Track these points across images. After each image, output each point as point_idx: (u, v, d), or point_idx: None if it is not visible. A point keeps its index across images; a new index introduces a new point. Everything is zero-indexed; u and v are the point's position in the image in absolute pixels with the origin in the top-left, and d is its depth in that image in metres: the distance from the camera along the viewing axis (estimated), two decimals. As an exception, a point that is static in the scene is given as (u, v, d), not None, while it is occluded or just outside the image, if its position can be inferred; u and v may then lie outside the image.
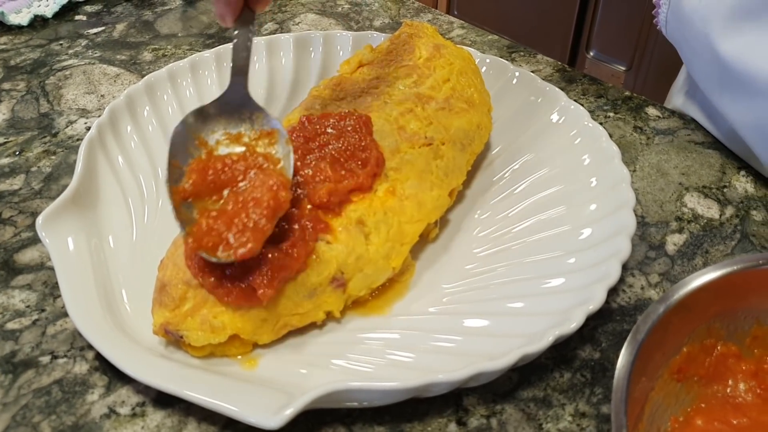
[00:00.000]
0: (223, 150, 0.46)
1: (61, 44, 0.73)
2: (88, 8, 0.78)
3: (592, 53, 1.68)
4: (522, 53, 0.71)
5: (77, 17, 0.77)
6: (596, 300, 0.42)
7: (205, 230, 0.41)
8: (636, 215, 0.50)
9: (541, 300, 0.45)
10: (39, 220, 0.47)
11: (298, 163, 0.46)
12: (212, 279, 0.42)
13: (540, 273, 0.47)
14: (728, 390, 0.38)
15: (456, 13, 1.99)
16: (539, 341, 0.40)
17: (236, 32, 0.49)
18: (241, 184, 0.43)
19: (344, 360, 0.43)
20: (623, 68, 1.62)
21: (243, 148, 0.46)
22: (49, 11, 0.76)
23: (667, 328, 0.35)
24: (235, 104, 0.48)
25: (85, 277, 0.45)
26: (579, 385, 0.43)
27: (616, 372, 0.32)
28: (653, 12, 0.64)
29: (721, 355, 0.38)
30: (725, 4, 0.56)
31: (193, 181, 0.43)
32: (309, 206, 0.44)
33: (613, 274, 0.44)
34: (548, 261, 0.48)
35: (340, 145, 0.47)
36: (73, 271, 0.45)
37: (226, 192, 0.44)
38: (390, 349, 0.43)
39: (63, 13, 0.77)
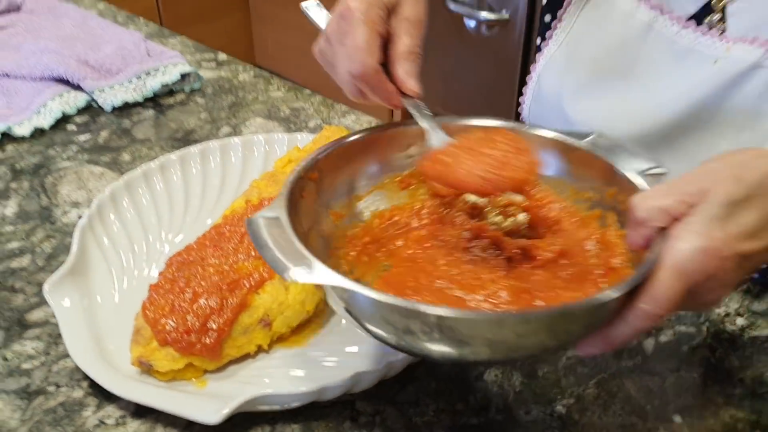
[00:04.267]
0: None
1: (56, 150, 0.90)
2: (78, 119, 0.97)
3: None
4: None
5: (69, 127, 0.95)
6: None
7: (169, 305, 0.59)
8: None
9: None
10: (45, 286, 0.64)
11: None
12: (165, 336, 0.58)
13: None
14: None
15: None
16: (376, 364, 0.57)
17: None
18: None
19: (269, 378, 0.59)
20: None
21: None
22: (46, 123, 0.94)
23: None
24: None
25: (80, 326, 0.62)
26: (443, 390, 0.60)
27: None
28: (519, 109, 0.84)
29: None
30: (572, 82, 0.76)
31: None
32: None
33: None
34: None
35: None
36: (71, 322, 0.62)
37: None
38: (297, 369, 0.60)
39: (57, 124, 0.95)
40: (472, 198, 0.57)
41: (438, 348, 0.46)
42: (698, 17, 0.68)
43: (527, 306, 0.49)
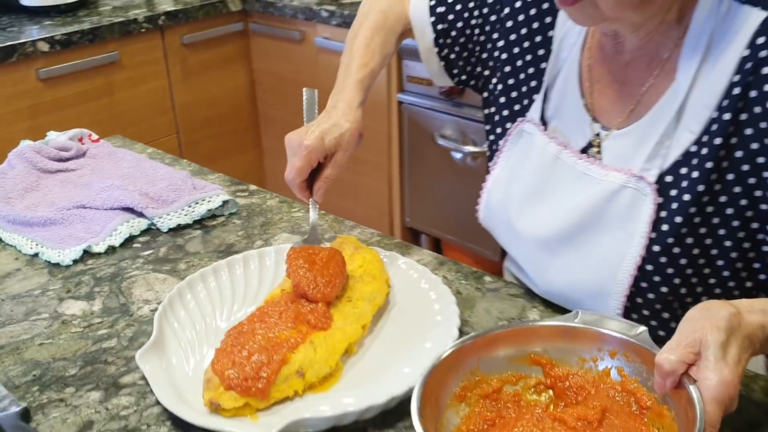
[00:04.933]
0: None
1: (126, 262, 1.15)
2: (141, 239, 1.22)
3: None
4: (408, 249, 1.15)
5: (135, 245, 1.21)
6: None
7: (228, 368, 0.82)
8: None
9: (398, 376, 0.84)
10: (137, 355, 0.87)
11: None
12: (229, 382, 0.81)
13: (398, 361, 0.87)
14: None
15: (408, 219, 2.49)
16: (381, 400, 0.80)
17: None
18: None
19: (303, 413, 0.81)
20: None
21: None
22: (117, 242, 1.19)
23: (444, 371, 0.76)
24: None
25: (164, 382, 0.85)
26: (430, 419, 0.82)
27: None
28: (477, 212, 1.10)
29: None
30: (516, 196, 1.02)
31: None
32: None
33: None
34: (405, 354, 0.88)
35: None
36: (158, 379, 0.85)
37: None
38: (323, 406, 0.82)
39: (125, 243, 1.20)
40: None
41: None
42: (586, 150, 0.95)
43: None
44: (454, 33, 1.13)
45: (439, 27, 1.13)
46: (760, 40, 0.82)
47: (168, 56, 2.75)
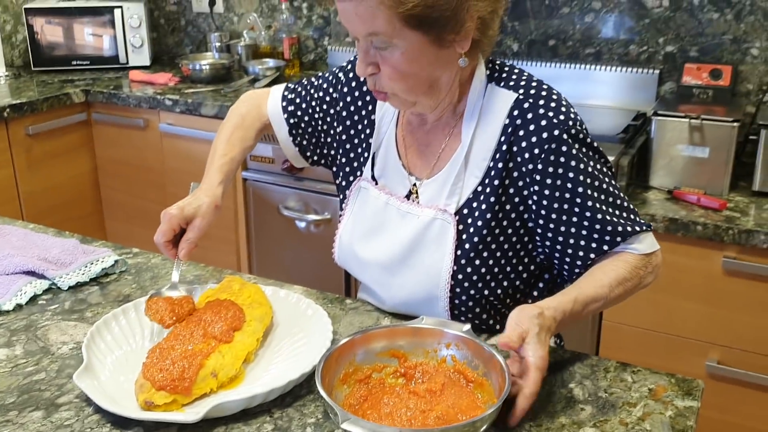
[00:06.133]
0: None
1: (36, 315, 1.33)
2: (44, 297, 1.40)
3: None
4: (283, 285, 1.42)
5: (39, 302, 1.38)
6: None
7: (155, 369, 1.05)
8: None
9: (289, 369, 1.10)
10: (74, 376, 1.07)
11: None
12: (159, 384, 1.04)
13: (288, 359, 1.13)
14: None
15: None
16: (277, 386, 1.06)
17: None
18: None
19: (218, 402, 1.05)
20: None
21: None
22: (23, 301, 1.37)
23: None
24: None
25: (102, 393, 1.05)
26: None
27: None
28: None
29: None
30: (360, 235, 1.32)
31: None
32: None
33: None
34: (292, 354, 1.14)
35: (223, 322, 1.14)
36: (96, 391, 1.05)
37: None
38: (233, 398, 1.06)
39: (30, 302, 1.38)
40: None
41: None
42: (408, 197, 1.30)
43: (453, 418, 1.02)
44: (303, 125, 1.45)
45: (291, 121, 1.46)
46: (515, 112, 1.20)
47: (12, 146, 2.87)
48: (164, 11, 3.64)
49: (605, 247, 1.20)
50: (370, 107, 1.38)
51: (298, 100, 1.45)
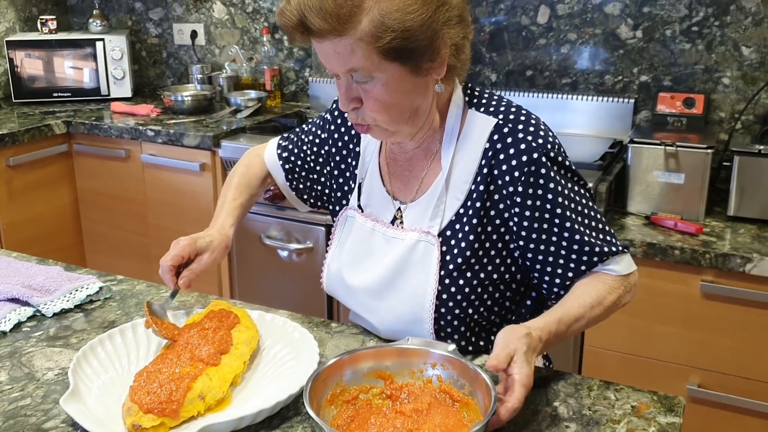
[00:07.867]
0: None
1: (20, 342, 1.33)
2: (29, 324, 1.40)
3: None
4: (269, 309, 1.43)
5: (24, 329, 1.38)
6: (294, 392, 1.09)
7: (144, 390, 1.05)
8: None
9: (277, 390, 1.11)
10: (61, 401, 1.07)
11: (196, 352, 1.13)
12: (147, 407, 1.04)
13: (275, 381, 1.13)
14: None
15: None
16: (264, 408, 1.06)
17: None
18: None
19: (205, 423, 1.05)
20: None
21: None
22: (7, 328, 1.36)
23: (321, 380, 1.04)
24: None
25: (89, 417, 1.05)
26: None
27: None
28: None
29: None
30: (347, 262, 1.34)
31: None
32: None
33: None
34: (279, 375, 1.14)
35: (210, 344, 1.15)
36: (83, 415, 1.05)
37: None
38: (220, 420, 1.07)
39: (14, 329, 1.38)
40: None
41: None
42: (393, 222, 1.32)
43: None
44: (297, 169, 1.51)
45: (287, 167, 1.52)
46: (495, 137, 1.24)
47: (-7, 178, 2.86)
48: (146, 44, 3.67)
49: (583, 267, 1.23)
50: (355, 140, 1.42)
51: (290, 146, 1.52)
